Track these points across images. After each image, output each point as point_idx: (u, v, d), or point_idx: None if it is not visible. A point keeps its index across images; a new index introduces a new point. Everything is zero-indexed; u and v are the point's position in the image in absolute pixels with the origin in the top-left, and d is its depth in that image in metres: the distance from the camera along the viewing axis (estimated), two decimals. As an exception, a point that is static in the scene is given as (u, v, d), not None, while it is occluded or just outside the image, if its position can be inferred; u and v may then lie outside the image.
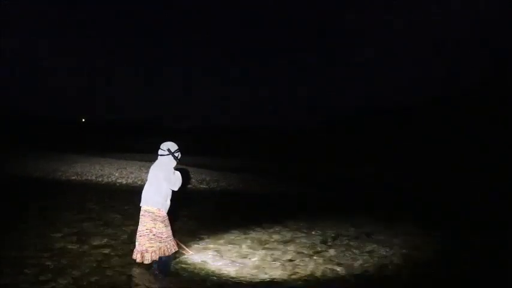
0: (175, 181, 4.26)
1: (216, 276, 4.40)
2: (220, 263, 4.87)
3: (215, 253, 5.28)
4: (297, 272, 4.62)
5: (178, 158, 4.35)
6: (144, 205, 4.22)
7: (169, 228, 4.25)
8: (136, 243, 4.22)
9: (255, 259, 5.09)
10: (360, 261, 5.14)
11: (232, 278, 4.40)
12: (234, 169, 22.49)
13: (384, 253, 5.57)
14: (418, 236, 6.76)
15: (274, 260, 5.09)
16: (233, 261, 4.99)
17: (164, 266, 4.23)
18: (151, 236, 4.13)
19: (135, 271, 4.33)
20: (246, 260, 5.04)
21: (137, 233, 4.24)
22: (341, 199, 12.11)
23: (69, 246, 5.15)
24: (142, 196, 4.27)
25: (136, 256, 4.17)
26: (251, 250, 5.51)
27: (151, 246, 4.12)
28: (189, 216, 7.65)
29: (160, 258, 4.15)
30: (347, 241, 6.22)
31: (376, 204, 11.13)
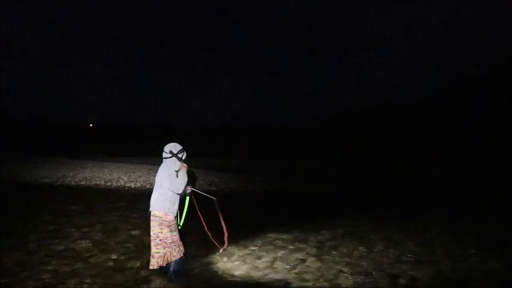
0: (177, 184, 4.17)
1: (225, 277, 4.42)
2: (231, 264, 4.88)
3: (227, 254, 5.29)
4: (306, 272, 4.60)
5: (183, 158, 4.31)
6: (152, 210, 4.24)
7: (175, 233, 4.24)
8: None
9: (266, 260, 5.08)
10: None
11: (242, 278, 4.40)
12: (240, 170, 22.49)
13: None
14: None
15: (285, 261, 5.07)
16: (244, 262, 4.99)
17: (175, 267, 4.24)
18: (158, 242, 4.16)
19: (149, 273, 4.36)
20: (257, 261, 5.03)
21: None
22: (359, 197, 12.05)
23: (82, 250, 5.19)
24: (150, 201, 4.29)
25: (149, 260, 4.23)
26: (263, 252, 5.49)
27: (158, 252, 4.15)
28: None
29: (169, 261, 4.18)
30: (359, 239, 6.17)
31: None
